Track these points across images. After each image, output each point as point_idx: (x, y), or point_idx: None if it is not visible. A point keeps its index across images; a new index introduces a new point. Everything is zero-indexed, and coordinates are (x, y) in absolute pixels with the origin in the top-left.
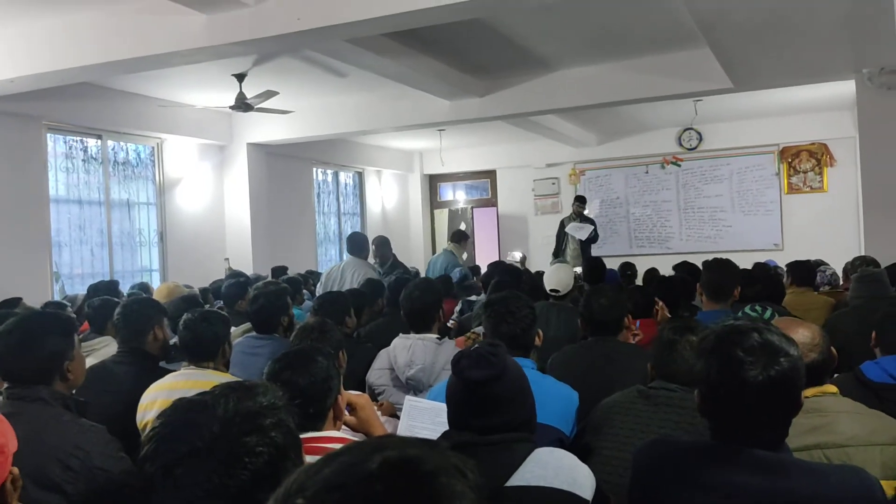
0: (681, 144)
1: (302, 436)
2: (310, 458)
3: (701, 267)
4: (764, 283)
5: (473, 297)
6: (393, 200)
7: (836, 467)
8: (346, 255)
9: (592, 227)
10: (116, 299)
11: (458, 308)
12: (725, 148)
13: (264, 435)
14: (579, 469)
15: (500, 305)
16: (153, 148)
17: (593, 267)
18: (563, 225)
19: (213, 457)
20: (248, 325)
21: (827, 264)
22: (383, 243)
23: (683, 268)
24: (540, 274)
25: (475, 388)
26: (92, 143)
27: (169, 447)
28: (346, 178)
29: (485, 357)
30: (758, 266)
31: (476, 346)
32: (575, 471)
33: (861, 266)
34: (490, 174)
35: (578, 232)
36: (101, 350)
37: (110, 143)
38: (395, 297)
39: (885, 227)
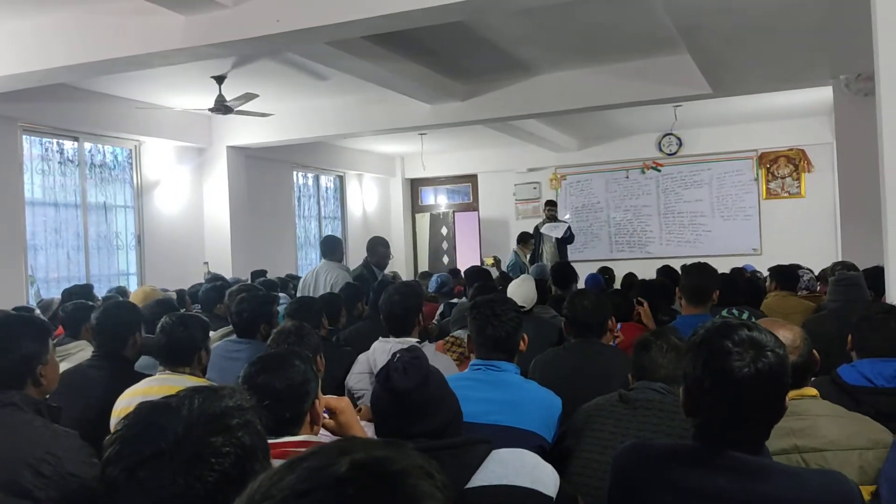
0: (661, 149)
1: (278, 440)
2: None
3: (680, 271)
4: (742, 287)
5: (455, 300)
6: (374, 204)
7: (816, 472)
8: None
9: (567, 226)
10: (91, 303)
11: (439, 311)
12: (705, 153)
13: (231, 435)
14: (542, 467)
15: (486, 308)
16: (131, 150)
17: (558, 270)
18: (537, 230)
19: (177, 458)
20: (226, 328)
21: (808, 269)
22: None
23: (665, 271)
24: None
25: (407, 396)
26: (68, 145)
27: (132, 449)
28: (326, 181)
29: (411, 365)
30: (734, 271)
31: (398, 355)
32: (537, 469)
33: (840, 270)
34: (471, 178)
35: (554, 231)
36: (76, 354)
37: (87, 145)
38: (376, 301)
39: (862, 233)
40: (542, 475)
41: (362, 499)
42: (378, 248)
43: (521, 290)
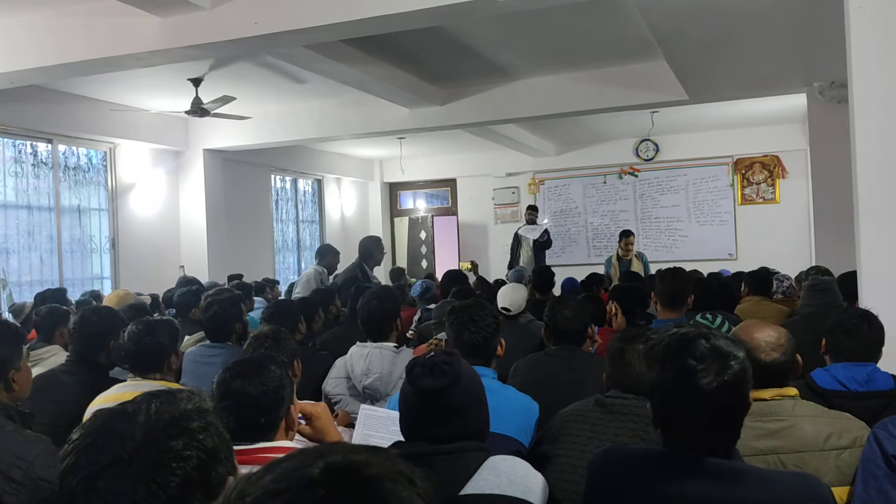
0: (638, 155)
1: (253, 446)
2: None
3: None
4: (716, 291)
5: (432, 305)
6: (352, 208)
7: (789, 474)
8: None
9: (545, 229)
10: (65, 307)
11: (416, 317)
12: (681, 159)
13: (191, 438)
14: (532, 476)
15: (464, 313)
16: (106, 153)
17: (540, 274)
18: (516, 236)
19: (137, 465)
20: (201, 333)
21: (786, 276)
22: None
23: (628, 276)
24: (498, 283)
25: (427, 397)
26: (42, 147)
27: (89, 458)
28: (304, 185)
29: (438, 366)
30: (711, 276)
31: (432, 353)
32: (528, 478)
33: (815, 275)
34: (450, 183)
35: (531, 232)
36: (48, 359)
37: (61, 147)
38: (354, 306)
39: (836, 238)
40: (532, 485)
41: (334, 500)
42: (375, 253)
43: (511, 296)
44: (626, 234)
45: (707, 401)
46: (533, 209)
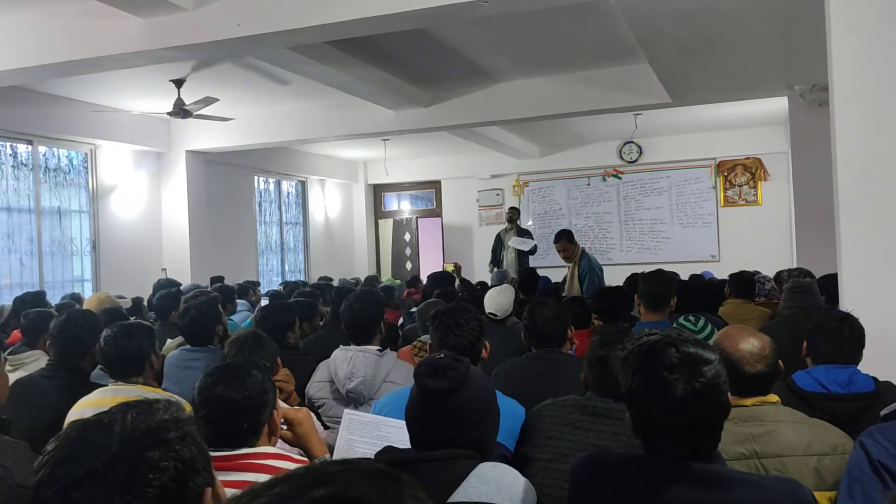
0: (621, 157)
1: (235, 452)
2: (242, 476)
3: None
4: (699, 293)
5: (414, 309)
6: (336, 210)
7: (772, 479)
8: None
9: (534, 244)
10: (55, 312)
11: (399, 322)
12: (664, 161)
13: (168, 449)
14: (521, 484)
15: (448, 317)
16: (87, 154)
17: (526, 277)
18: (499, 237)
19: (113, 476)
20: (181, 337)
21: (769, 278)
22: None
23: (633, 279)
24: (482, 284)
25: (428, 397)
26: (22, 148)
27: (64, 470)
28: (288, 186)
29: (442, 369)
30: (693, 277)
31: (441, 355)
32: (517, 486)
33: (797, 276)
34: (435, 184)
35: (522, 245)
36: (30, 364)
37: (42, 148)
38: (337, 309)
39: (816, 240)
40: (521, 493)
41: None
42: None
43: (498, 301)
44: (555, 240)
45: (682, 409)
46: (514, 211)
